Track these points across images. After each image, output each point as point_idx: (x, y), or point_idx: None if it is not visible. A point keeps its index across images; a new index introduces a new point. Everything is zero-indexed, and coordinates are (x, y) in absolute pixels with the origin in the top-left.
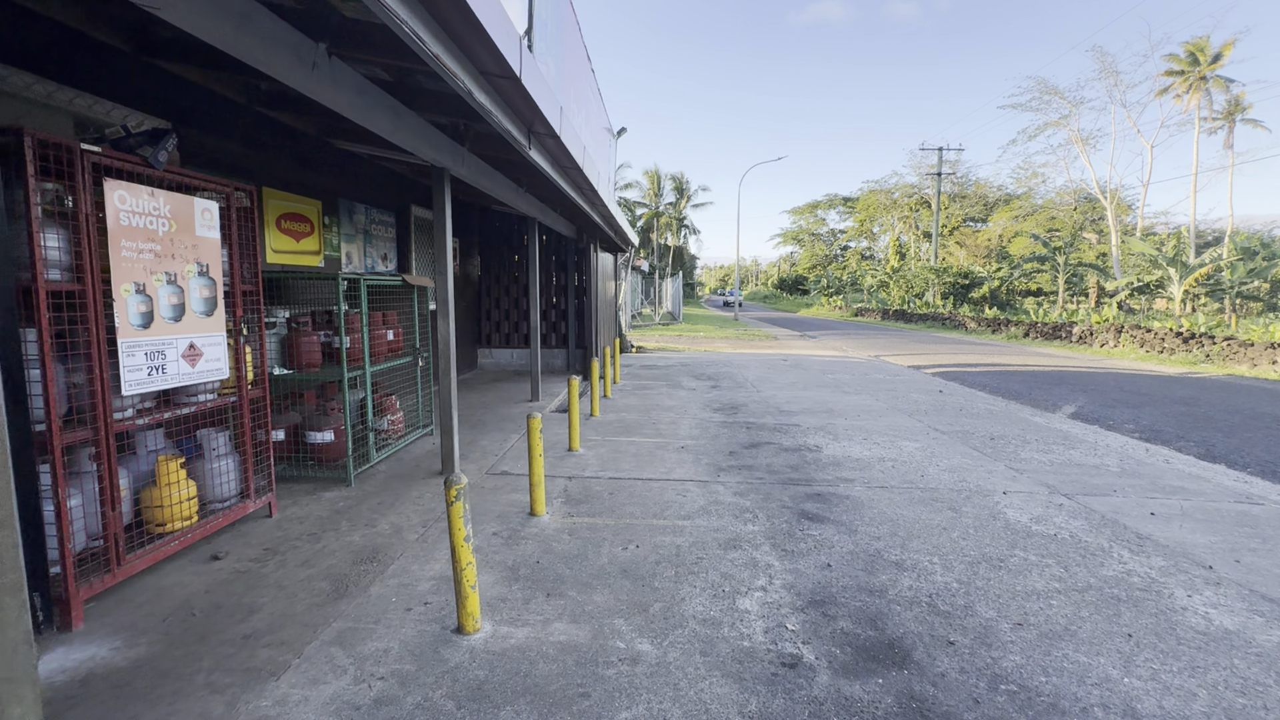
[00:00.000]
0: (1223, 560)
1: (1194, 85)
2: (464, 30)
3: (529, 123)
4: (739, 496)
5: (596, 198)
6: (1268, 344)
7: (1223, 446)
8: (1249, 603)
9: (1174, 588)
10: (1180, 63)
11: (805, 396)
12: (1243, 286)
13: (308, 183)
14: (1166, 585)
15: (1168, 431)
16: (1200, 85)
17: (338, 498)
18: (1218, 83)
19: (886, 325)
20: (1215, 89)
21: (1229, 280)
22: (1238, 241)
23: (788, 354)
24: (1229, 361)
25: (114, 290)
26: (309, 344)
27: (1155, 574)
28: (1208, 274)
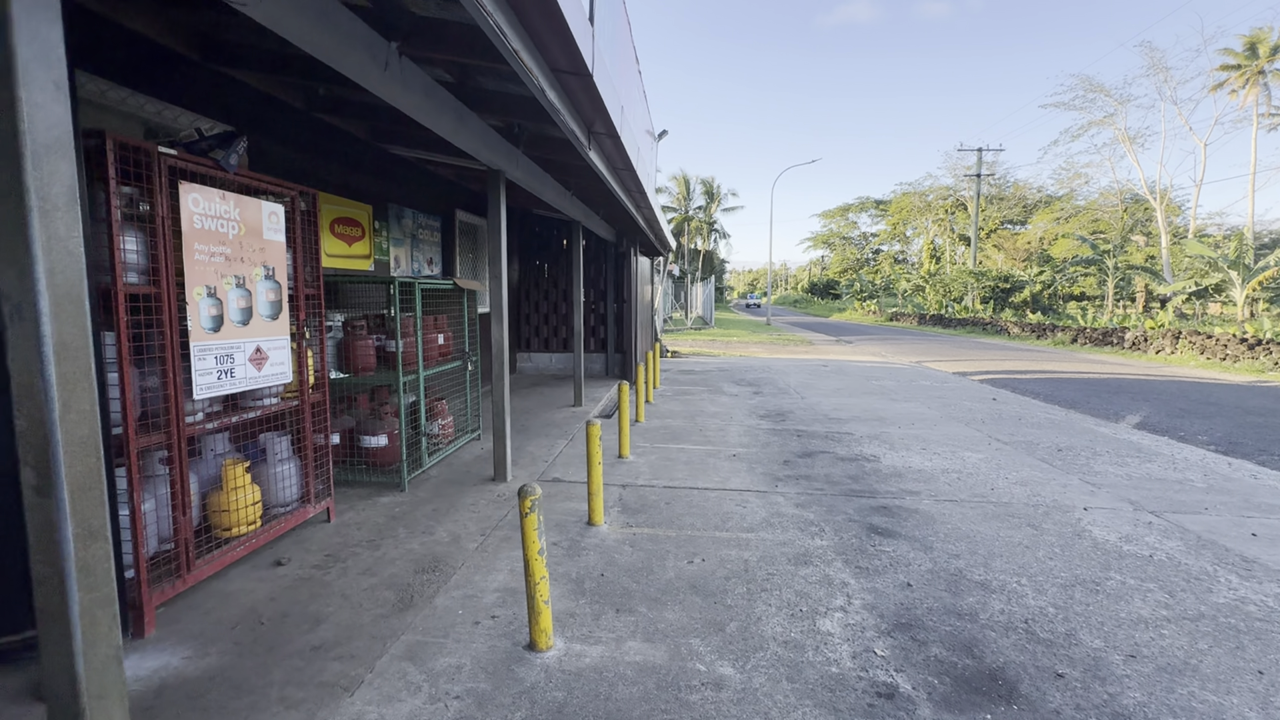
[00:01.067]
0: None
1: (1251, 79)
2: (541, 24)
3: (589, 122)
4: (801, 508)
5: (644, 200)
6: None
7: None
8: None
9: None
10: (1237, 56)
11: (853, 404)
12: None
13: (358, 187)
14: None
15: (1246, 444)
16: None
17: (393, 503)
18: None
19: (924, 330)
20: (1275, 83)
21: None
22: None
23: (827, 359)
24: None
25: (187, 293)
26: (364, 348)
27: (1273, 602)
28: (1273, 277)
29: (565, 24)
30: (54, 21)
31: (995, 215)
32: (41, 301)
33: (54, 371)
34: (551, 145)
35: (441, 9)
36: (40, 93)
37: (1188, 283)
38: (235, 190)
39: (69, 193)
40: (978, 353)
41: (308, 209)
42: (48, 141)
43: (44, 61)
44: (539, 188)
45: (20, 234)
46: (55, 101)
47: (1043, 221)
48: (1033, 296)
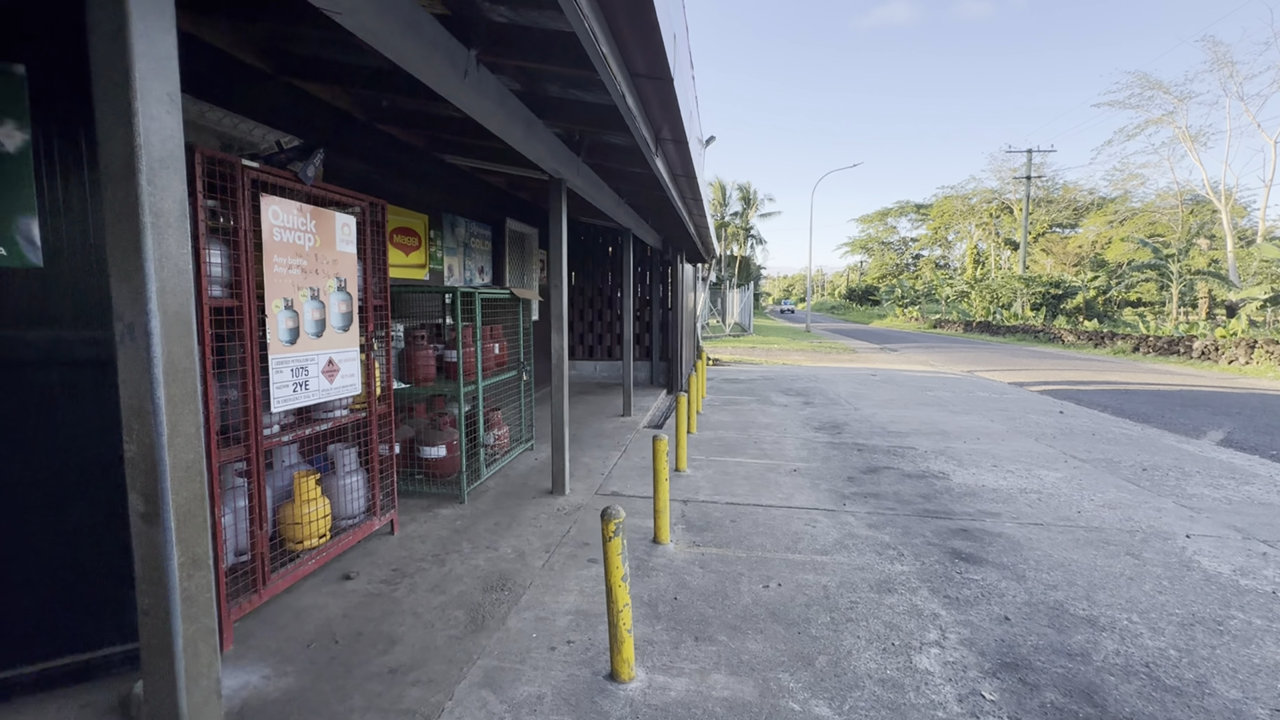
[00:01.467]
0: None
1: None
2: (629, 26)
3: (658, 128)
4: (874, 530)
5: (698, 207)
6: None
7: None
8: None
9: None
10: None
11: (909, 416)
12: None
13: (415, 197)
14: None
15: None
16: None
17: (454, 516)
18: None
19: (970, 338)
20: None
21: None
22: None
23: (874, 368)
24: None
25: (266, 306)
26: (424, 357)
27: None
28: None
29: (656, 25)
30: (168, 30)
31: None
32: (153, 321)
33: (163, 394)
34: (612, 152)
35: (519, 15)
36: (155, 105)
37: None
38: (310, 202)
39: (179, 208)
40: (1032, 361)
41: (377, 219)
42: (161, 155)
43: (159, 73)
44: (596, 196)
45: (135, 252)
46: (168, 114)
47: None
48: (1086, 303)
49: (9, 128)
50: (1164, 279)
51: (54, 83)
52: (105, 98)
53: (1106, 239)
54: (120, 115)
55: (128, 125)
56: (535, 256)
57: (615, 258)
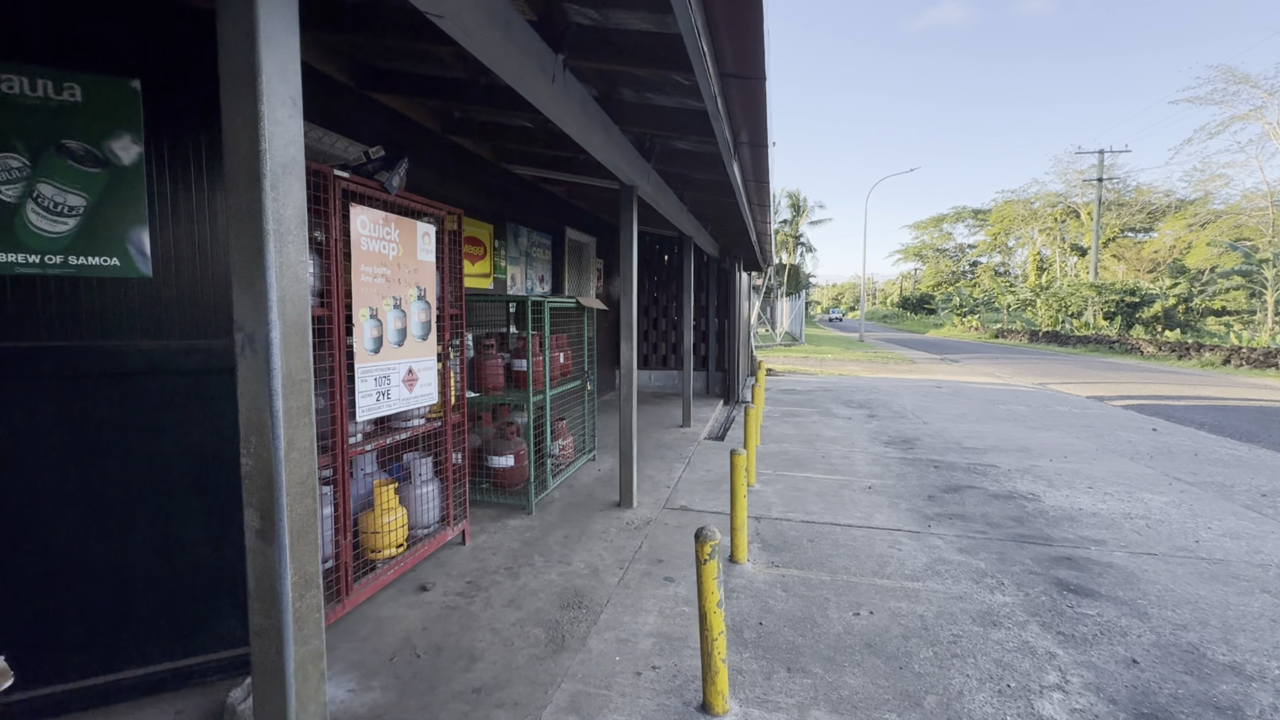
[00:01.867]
0: None
1: None
2: (727, 19)
3: (737, 131)
4: (966, 555)
5: (764, 213)
6: None
7: None
8: None
9: None
10: None
11: (985, 431)
12: None
13: (481, 207)
14: None
15: None
16: None
17: (523, 527)
18: None
19: (1037, 348)
20: None
21: None
22: None
23: (938, 380)
24: None
25: (354, 315)
26: (493, 366)
27: None
28: None
29: (760, 17)
30: (292, 31)
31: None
32: (273, 332)
33: (281, 406)
34: (681, 158)
35: (605, 17)
36: (280, 108)
37: None
38: (392, 211)
39: (299, 215)
40: (1110, 374)
41: (453, 228)
42: (284, 161)
43: (283, 75)
44: (663, 203)
45: (257, 260)
46: (291, 118)
47: (1173, 229)
48: (1166, 312)
49: (125, 141)
50: (1255, 286)
51: (166, 97)
52: (232, 102)
53: (1186, 243)
54: (246, 120)
55: (253, 130)
56: (593, 265)
57: (671, 266)
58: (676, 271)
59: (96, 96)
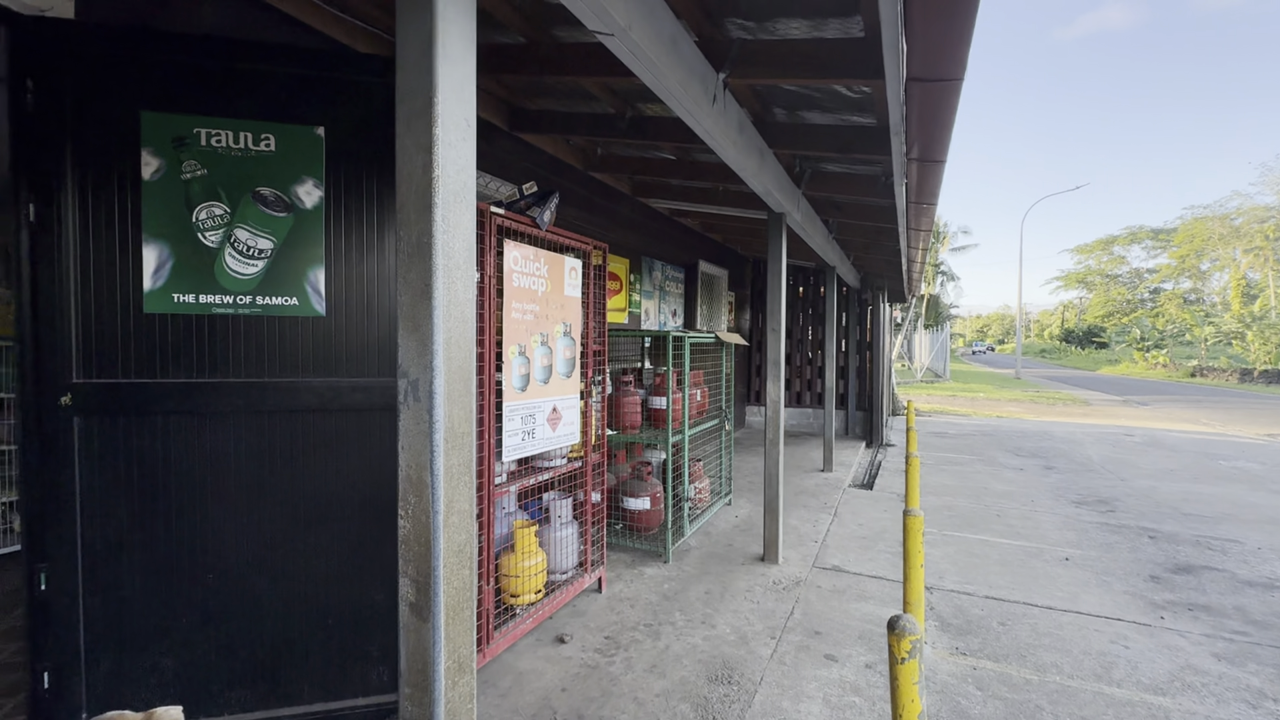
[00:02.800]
0: None
1: None
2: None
3: (910, 146)
4: (1227, 664)
5: (921, 239)
6: None
7: None
8: None
9: None
10: None
11: (1207, 493)
12: None
13: (618, 241)
14: None
15: None
16: None
17: (660, 577)
18: None
19: (1250, 390)
20: None
21: None
22: None
23: (1126, 426)
24: None
25: (504, 351)
26: (631, 404)
27: None
28: None
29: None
30: (469, 46)
31: None
32: (437, 379)
33: (442, 464)
34: (831, 183)
35: (764, 30)
36: (454, 131)
37: None
38: (541, 247)
39: (468, 249)
40: None
41: (598, 263)
42: (456, 189)
43: (459, 94)
44: (810, 232)
45: (425, 299)
46: (464, 141)
47: None
48: None
49: (309, 185)
50: None
51: (345, 142)
52: (407, 124)
53: None
54: (420, 143)
55: (427, 154)
56: (724, 298)
57: (805, 298)
58: (809, 303)
59: (287, 145)
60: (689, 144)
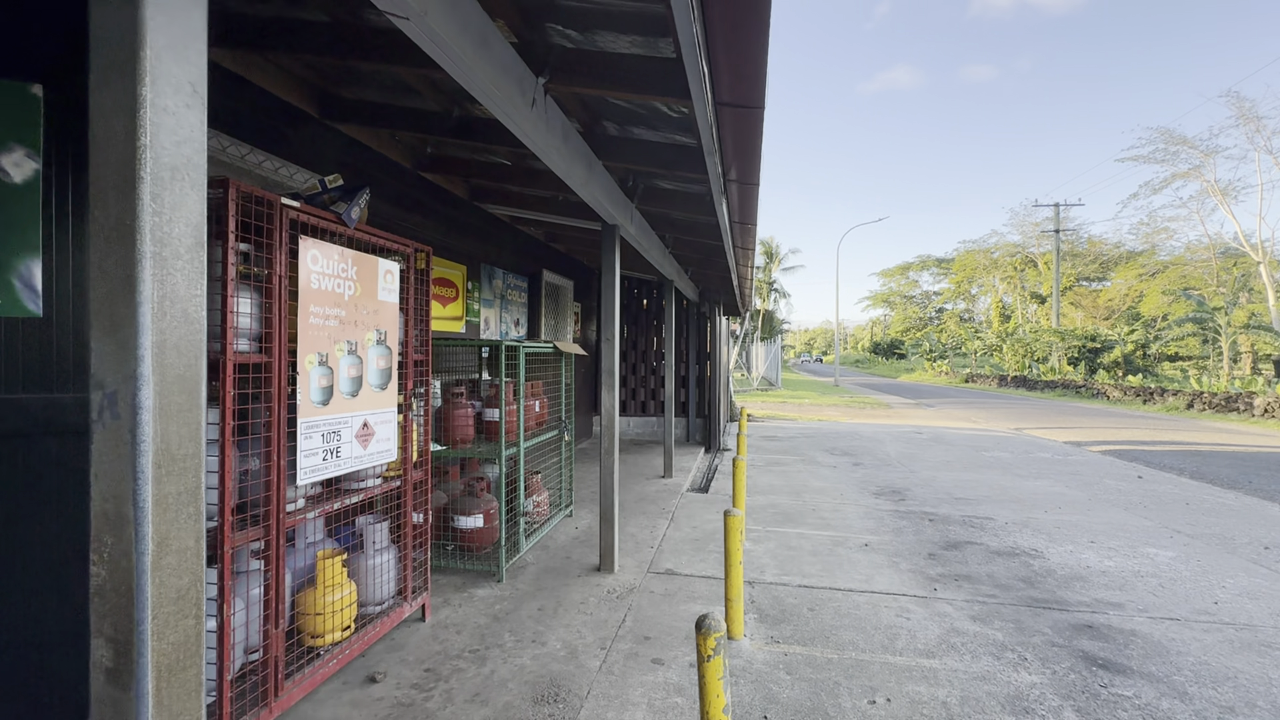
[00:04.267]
0: None
1: None
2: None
3: (727, 168)
4: (980, 624)
5: (747, 257)
6: None
7: None
8: None
9: None
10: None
11: (974, 480)
12: None
13: (454, 247)
14: None
15: None
16: None
17: (492, 598)
18: None
19: (1006, 393)
20: None
21: None
22: None
23: (918, 426)
24: None
25: (300, 361)
26: (463, 416)
27: None
28: None
29: (764, 37)
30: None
31: (1070, 272)
32: (144, 391)
33: (150, 493)
34: (664, 198)
35: (587, 40)
36: (172, 95)
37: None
38: (351, 247)
39: (195, 235)
40: (1082, 419)
41: (421, 267)
42: (174, 163)
43: (179, 53)
44: (646, 245)
45: (126, 292)
46: (189, 109)
47: (1125, 278)
48: (1125, 357)
49: (18, 155)
50: (1207, 332)
51: (74, 105)
52: (102, 80)
53: (1138, 292)
54: (119, 104)
55: (129, 118)
56: (570, 309)
57: (648, 310)
58: (654, 315)
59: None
60: (522, 149)
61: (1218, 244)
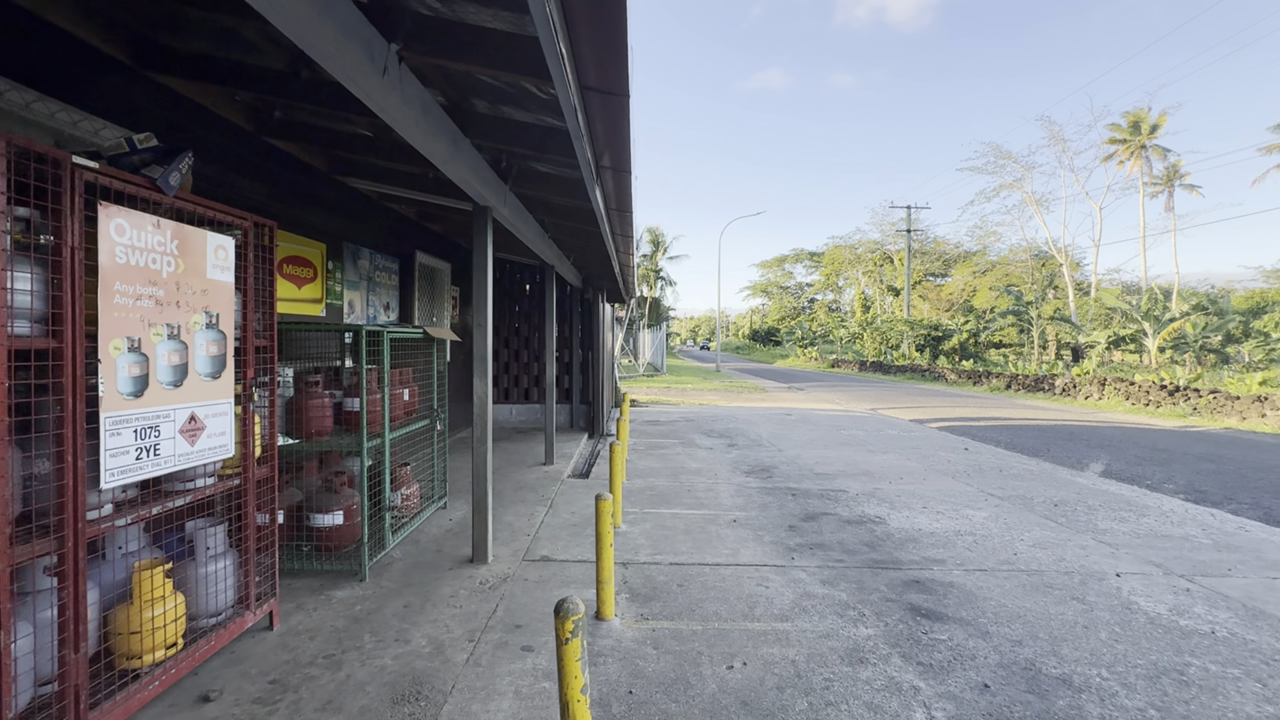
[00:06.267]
0: None
1: (1135, 152)
2: (589, 21)
3: (599, 155)
4: (829, 586)
5: (627, 244)
6: (1253, 397)
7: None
8: None
9: None
10: (1122, 132)
11: (833, 456)
12: (1205, 340)
13: (312, 223)
14: None
15: (1213, 493)
16: (1140, 153)
17: (352, 598)
18: (1156, 151)
19: (866, 377)
20: (1154, 157)
21: (1192, 334)
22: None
23: (789, 408)
24: (1217, 415)
25: (101, 348)
26: (319, 407)
27: None
28: (1179, 329)
29: (623, 24)
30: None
31: (919, 268)
32: None
33: None
34: (541, 181)
35: (449, 9)
36: None
37: (1105, 333)
38: (175, 217)
39: None
40: (925, 399)
41: (263, 244)
42: None
43: None
44: (522, 228)
45: None
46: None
47: (962, 275)
48: (961, 345)
49: None
50: (1024, 323)
51: None
52: None
53: (972, 287)
54: None
55: None
56: (447, 293)
57: (531, 295)
58: (538, 300)
59: None
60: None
61: (1033, 247)
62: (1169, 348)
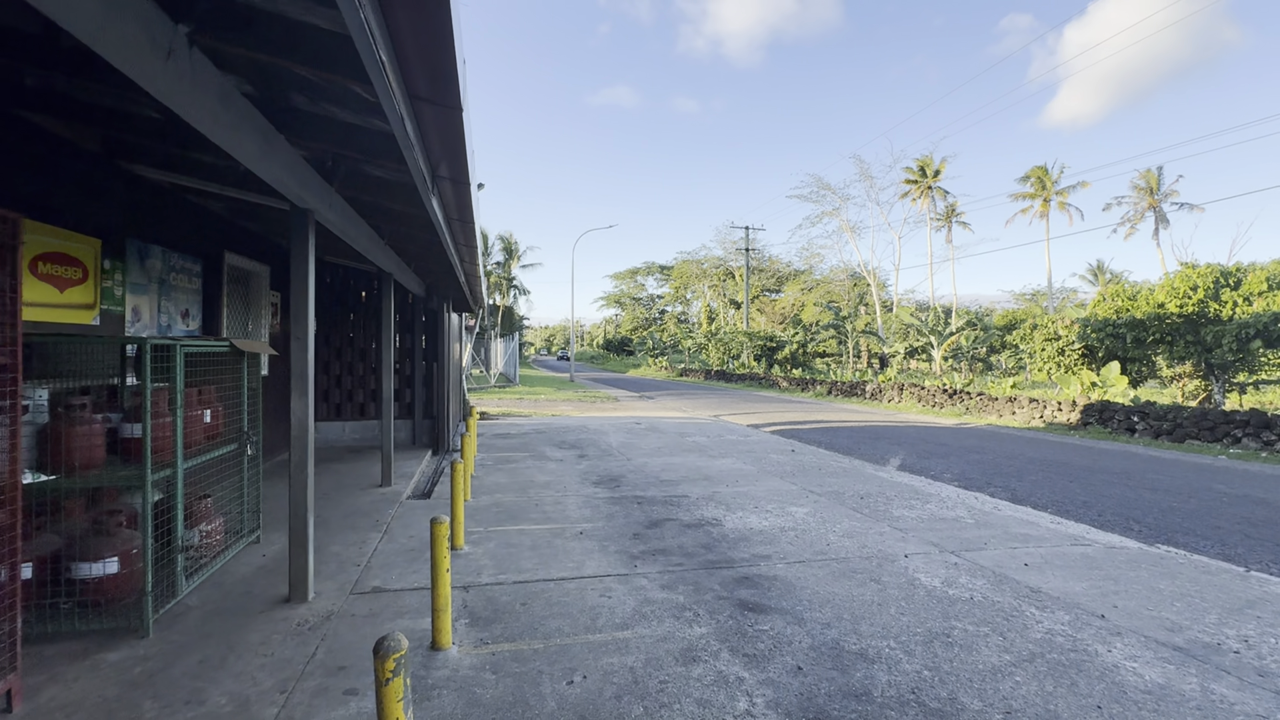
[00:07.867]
0: (1105, 607)
1: (924, 192)
2: (414, 29)
3: (436, 164)
4: (668, 590)
5: (471, 254)
6: (1007, 398)
7: (1022, 489)
8: (1153, 650)
9: (1091, 643)
10: (914, 174)
11: (677, 463)
12: (975, 351)
13: (84, 215)
14: (1084, 641)
15: (976, 478)
16: (928, 193)
17: (131, 659)
18: (939, 192)
19: (711, 385)
20: (938, 196)
21: (965, 346)
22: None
23: (638, 417)
24: (982, 413)
25: None
26: (87, 435)
27: (1069, 629)
28: (956, 342)
29: (450, 34)
30: None
31: (757, 284)
32: None
33: None
34: (374, 186)
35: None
36: None
37: (904, 345)
38: None
39: None
40: (760, 406)
41: (3, 239)
42: None
43: None
44: (353, 234)
45: None
46: None
47: (792, 291)
48: (792, 355)
49: None
50: (841, 336)
51: None
52: None
53: (800, 303)
54: None
55: None
56: (266, 299)
57: (369, 303)
58: (376, 309)
59: None
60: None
61: (849, 269)
62: (950, 357)
